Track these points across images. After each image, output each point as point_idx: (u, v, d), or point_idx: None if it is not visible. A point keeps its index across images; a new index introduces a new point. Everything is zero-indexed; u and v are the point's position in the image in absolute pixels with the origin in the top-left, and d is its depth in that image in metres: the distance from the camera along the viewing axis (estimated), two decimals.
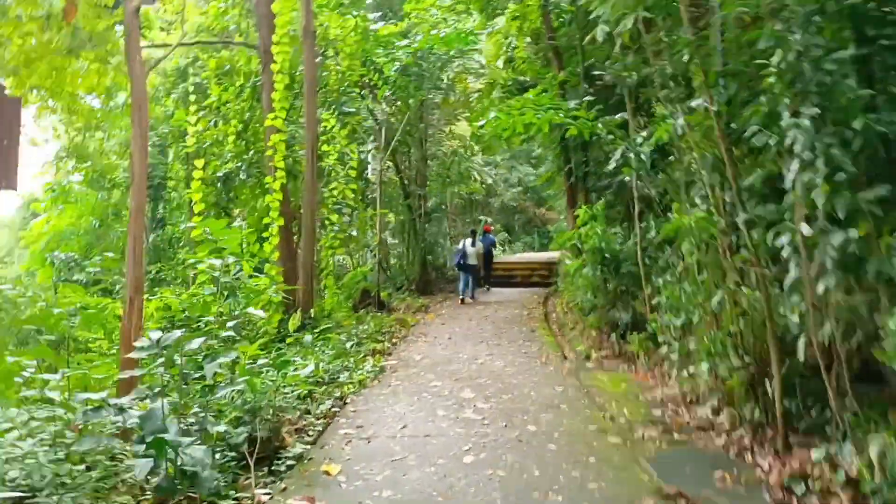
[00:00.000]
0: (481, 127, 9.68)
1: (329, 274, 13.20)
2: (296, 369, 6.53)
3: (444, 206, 23.16)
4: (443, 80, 18.87)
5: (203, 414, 5.10)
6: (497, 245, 22.78)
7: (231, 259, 6.38)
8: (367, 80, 15.19)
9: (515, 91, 14.08)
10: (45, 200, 19.01)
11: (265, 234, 10.32)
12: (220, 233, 6.39)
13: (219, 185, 12.03)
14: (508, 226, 37.44)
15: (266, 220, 10.28)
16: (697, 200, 5.72)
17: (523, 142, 15.61)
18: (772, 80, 4.50)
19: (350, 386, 7.67)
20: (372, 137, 16.92)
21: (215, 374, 5.11)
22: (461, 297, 16.89)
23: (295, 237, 12.24)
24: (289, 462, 5.24)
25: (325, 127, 12.92)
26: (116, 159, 17.67)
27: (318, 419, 6.41)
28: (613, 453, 5.29)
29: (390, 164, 19.78)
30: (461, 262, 16.95)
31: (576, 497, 4.43)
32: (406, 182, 19.58)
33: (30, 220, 22.73)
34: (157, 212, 18.06)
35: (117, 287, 13.14)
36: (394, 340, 11.35)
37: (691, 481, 4.60)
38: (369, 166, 19.52)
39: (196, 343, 4.78)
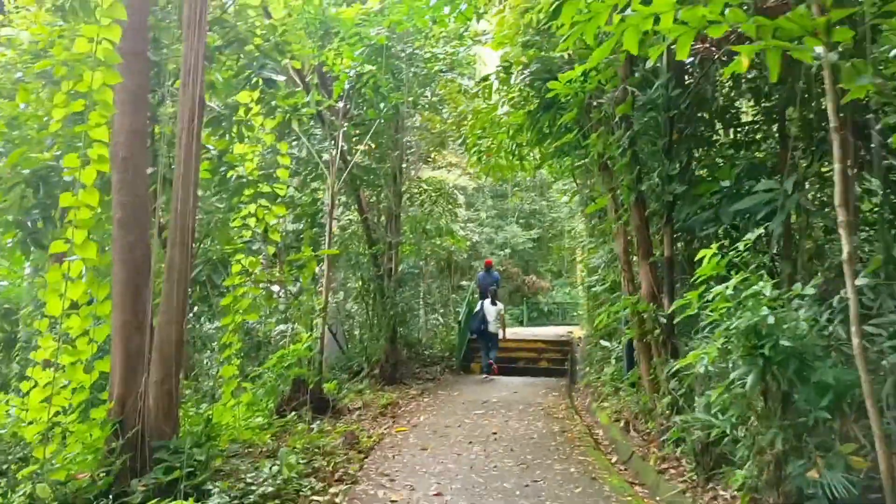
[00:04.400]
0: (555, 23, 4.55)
1: (231, 356, 7.70)
2: None
3: (421, 264, 17.84)
4: (425, 86, 13.97)
5: None
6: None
7: None
8: (317, 63, 10.11)
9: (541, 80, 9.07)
10: None
11: (50, 278, 4.87)
12: None
13: (33, 190, 6.65)
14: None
15: (63, 248, 4.86)
16: None
17: (548, 161, 10.55)
18: None
19: None
20: (324, 157, 11.69)
21: None
22: (484, 373, 13.90)
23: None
24: None
25: (239, 109, 7.68)
26: None
27: None
28: None
29: (347, 200, 14.59)
30: (482, 327, 13.85)
31: None
32: (371, 227, 14.28)
33: None
34: None
35: None
36: (330, 499, 5.81)
37: None
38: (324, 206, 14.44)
39: None
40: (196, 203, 6.10)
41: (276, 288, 8.09)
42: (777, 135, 7.75)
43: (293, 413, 9.33)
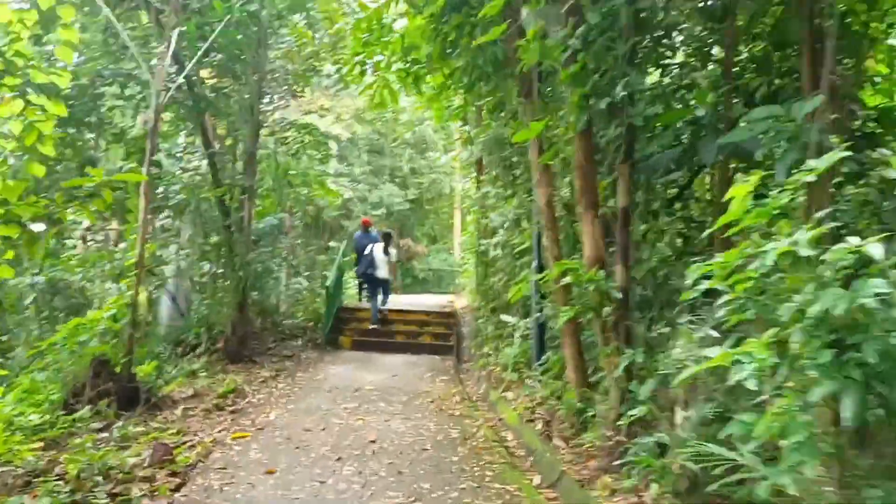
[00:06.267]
0: None
1: None
2: None
3: (284, 218, 15.02)
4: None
5: None
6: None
7: None
8: None
9: None
10: None
11: None
12: None
13: None
14: None
15: None
16: None
17: (456, 84, 8.26)
18: None
19: None
20: (153, 63, 8.72)
21: None
22: (372, 324, 13.07)
23: None
24: None
25: None
26: None
27: None
28: None
29: (189, 132, 11.60)
30: (368, 271, 13.21)
31: None
32: (219, 166, 11.33)
33: None
34: None
35: None
36: None
37: None
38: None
39: None
40: None
41: (38, 227, 5.19)
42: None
43: (88, 407, 6.66)
